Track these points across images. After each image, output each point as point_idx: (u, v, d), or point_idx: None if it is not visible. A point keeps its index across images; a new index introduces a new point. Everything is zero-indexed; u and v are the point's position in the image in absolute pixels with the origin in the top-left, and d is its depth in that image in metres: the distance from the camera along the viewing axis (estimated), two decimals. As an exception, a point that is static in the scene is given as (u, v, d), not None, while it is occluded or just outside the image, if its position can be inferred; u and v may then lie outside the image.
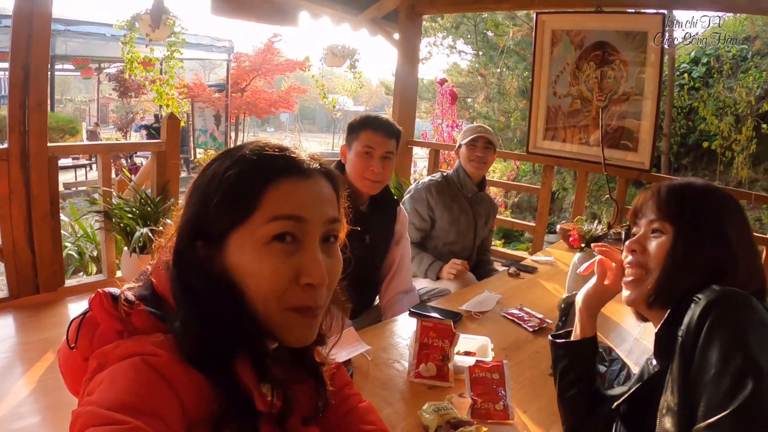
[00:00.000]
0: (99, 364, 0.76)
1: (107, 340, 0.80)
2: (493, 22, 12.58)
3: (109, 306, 0.80)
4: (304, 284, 0.83)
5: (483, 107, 13.61)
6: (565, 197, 11.01)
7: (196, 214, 0.85)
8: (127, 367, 0.72)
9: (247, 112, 17.55)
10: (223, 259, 0.83)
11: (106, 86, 18.84)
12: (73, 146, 9.35)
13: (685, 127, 9.74)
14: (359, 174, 2.27)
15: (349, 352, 1.69)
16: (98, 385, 0.72)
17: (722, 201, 1.12)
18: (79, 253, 4.32)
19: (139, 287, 0.87)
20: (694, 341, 0.92)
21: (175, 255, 0.84)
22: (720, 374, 0.86)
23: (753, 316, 0.91)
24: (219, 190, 0.83)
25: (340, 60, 6.37)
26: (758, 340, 0.87)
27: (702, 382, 0.89)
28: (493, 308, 2.36)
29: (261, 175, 0.83)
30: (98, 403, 0.68)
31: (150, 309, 0.82)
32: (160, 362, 0.74)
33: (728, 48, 9.35)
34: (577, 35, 4.42)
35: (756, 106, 8.64)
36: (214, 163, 0.87)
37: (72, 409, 0.71)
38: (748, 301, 0.93)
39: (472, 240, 3.26)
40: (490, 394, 1.51)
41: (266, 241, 0.81)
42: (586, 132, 4.50)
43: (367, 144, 2.26)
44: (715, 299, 0.94)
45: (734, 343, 0.88)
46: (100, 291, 0.81)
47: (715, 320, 0.91)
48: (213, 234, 0.84)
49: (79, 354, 0.82)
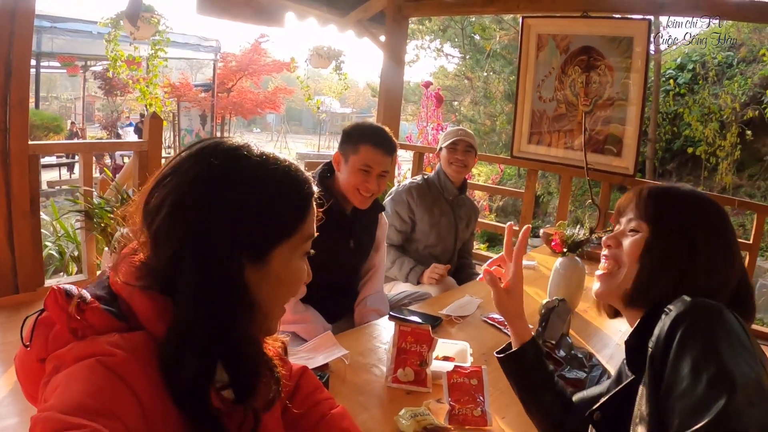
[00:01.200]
0: (55, 366, 0.76)
1: (62, 340, 0.78)
2: (480, 26, 12.63)
3: (64, 302, 0.79)
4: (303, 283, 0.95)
5: (469, 110, 13.66)
6: (549, 201, 11.06)
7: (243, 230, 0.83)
8: (83, 369, 0.72)
9: (233, 112, 17.47)
10: (258, 271, 0.86)
11: (92, 84, 18.69)
12: (55, 145, 9.23)
13: (670, 133, 9.82)
14: (353, 188, 2.26)
15: (326, 356, 1.68)
16: (55, 389, 0.71)
17: (703, 208, 1.12)
18: (60, 253, 4.27)
19: (94, 286, 0.87)
20: (665, 353, 0.91)
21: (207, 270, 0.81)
22: (693, 386, 0.85)
23: (724, 327, 0.90)
24: (275, 204, 0.87)
25: (325, 61, 6.38)
26: (730, 350, 0.86)
27: (674, 394, 0.87)
28: (473, 313, 2.36)
29: (307, 193, 0.92)
30: (55, 408, 0.67)
31: (106, 307, 0.81)
32: (116, 362, 0.73)
33: (714, 54, 9.45)
34: (563, 40, 4.43)
35: (741, 113, 8.73)
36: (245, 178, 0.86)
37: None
38: (719, 312, 0.92)
39: (452, 243, 3.26)
40: (468, 399, 1.50)
41: (303, 254, 0.93)
42: (571, 136, 4.52)
43: (367, 163, 2.24)
44: (686, 310, 0.93)
45: (706, 355, 0.86)
46: (55, 287, 0.80)
47: (686, 331, 0.90)
48: (260, 248, 0.86)
49: (34, 355, 0.81)
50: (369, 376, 1.72)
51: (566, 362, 1.79)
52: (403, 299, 2.72)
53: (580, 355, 1.85)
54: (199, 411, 0.78)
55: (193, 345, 0.78)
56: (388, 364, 1.68)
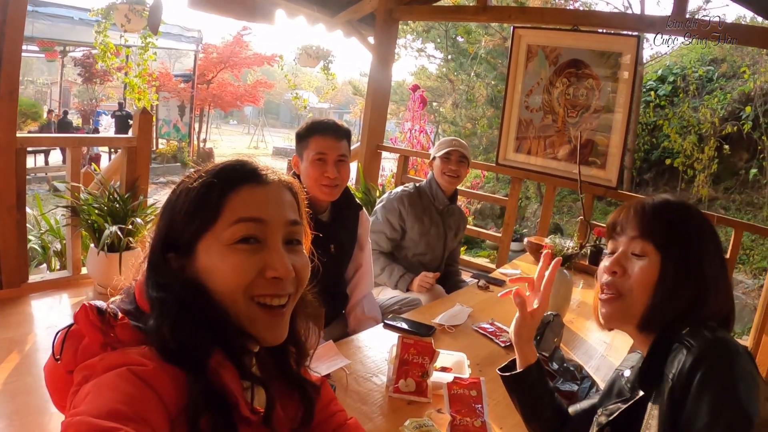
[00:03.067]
0: (84, 376, 0.77)
1: (91, 352, 0.81)
2: (465, 30, 12.71)
3: (95, 319, 0.82)
4: (270, 278, 0.89)
5: (450, 113, 13.73)
6: (527, 206, 11.18)
7: (167, 227, 0.92)
8: (114, 377, 0.74)
9: (212, 104, 17.36)
10: (193, 266, 0.89)
11: (70, 70, 18.40)
12: (43, 138, 9.09)
13: (649, 144, 9.99)
14: (315, 181, 2.23)
15: (328, 366, 1.70)
16: (85, 397, 0.73)
17: (703, 225, 1.15)
18: (43, 247, 4.21)
19: (123, 301, 0.90)
20: (686, 388, 0.97)
21: (149, 267, 0.90)
22: (712, 424, 0.91)
23: (742, 368, 0.96)
24: (186, 202, 0.90)
25: (314, 61, 6.37)
26: (747, 392, 0.93)
27: (692, 429, 0.93)
28: (465, 322, 2.40)
29: (222, 183, 0.90)
30: (87, 413, 0.68)
31: (134, 323, 0.84)
32: (147, 372, 0.75)
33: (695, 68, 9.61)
34: (552, 51, 4.49)
35: (719, 128, 8.90)
36: (183, 182, 0.94)
37: (39, 415, 0.72)
38: (736, 352, 0.98)
39: (441, 251, 3.30)
40: (469, 410, 1.54)
41: (231, 243, 0.88)
42: (556, 147, 4.58)
43: (319, 150, 2.22)
44: (707, 350, 0.98)
45: (726, 396, 0.93)
46: (86, 304, 0.83)
47: (707, 372, 0.95)
48: (182, 244, 0.90)
49: (63, 367, 0.83)
50: (370, 385, 1.76)
51: (559, 375, 1.84)
52: (393, 305, 2.74)
53: (572, 368, 1.90)
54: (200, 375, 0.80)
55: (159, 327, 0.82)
56: (389, 375, 1.71)
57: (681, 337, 1.04)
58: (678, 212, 1.17)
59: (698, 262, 1.11)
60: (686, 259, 1.11)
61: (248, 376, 0.88)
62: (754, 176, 8.76)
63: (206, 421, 0.77)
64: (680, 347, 1.02)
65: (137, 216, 3.59)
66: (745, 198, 8.93)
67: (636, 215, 1.18)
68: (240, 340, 0.89)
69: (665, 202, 1.19)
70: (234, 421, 0.81)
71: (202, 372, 0.80)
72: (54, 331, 0.86)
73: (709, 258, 1.12)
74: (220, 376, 0.81)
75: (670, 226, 1.15)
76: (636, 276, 1.15)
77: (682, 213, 1.17)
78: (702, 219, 1.17)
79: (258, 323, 0.89)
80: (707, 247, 1.13)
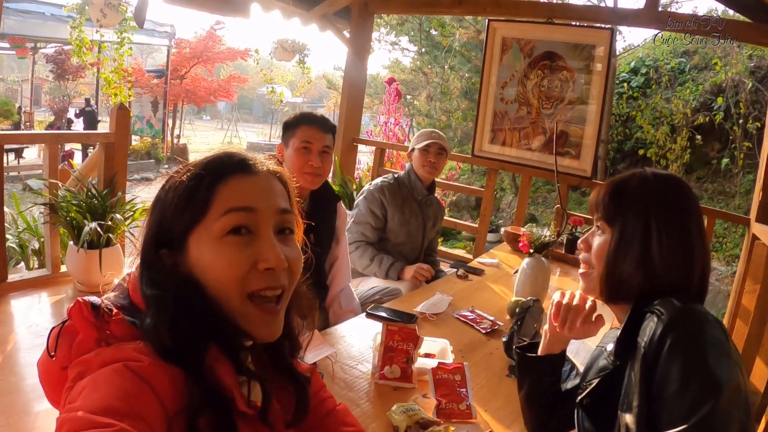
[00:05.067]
0: (79, 372, 0.77)
1: (86, 348, 0.81)
2: (439, 23, 12.71)
3: (89, 315, 0.82)
4: (263, 269, 0.87)
5: (424, 106, 13.75)
6: (502, 197, 11.27)
7: (158, 224, 0.90)
8: (110, 373, 0.74)
9: (185, 99, 17.16)
10: (186, 262, 0.88)
11: (41, 67, 18.08)
12: (21, 135, 8.96)
13: (622, 134, 10.11)
14: (299, 170, 2.29)
15: (315, 355, 1.73)
16: (80, 393, 0.73)
17: (659, 197, 1.19)
18: (21, 246, 4.17)
19: (117, 297, 0.90)
20: (657, 354, 1.02)
21: (143, 264, 0.89)
22: (682, 390, 0.96)
23: (711, 336, 1.01)
24: (175, 196, 0.89)
25: (290, 54, 6.34)
26: (716, 358, 0.98)
27: (664, 394, 0.99)
28: (446, 310, 2.45)
29: (211, 175, 0.89)
30: (83, 408, 0.68)
31: (128, 318, 0.84)
32: (142, 367, 0.75)
33: (667, 60, 9.74)
34: (527, 44, 4.55)
35: (692, 118, 9.03)
36: (171, 177, 0.92)
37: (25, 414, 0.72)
38: (706, 319, 1.04)
39: (420, 241, 3.34)
40: (454, 394, 1.59)
41: (221, 235, 0.86)
42: (531, 138, 4.64)
43: (305, 139, 2.29)
44: (677, 318, 1.04)
45: (695, 362, 0.98)
46: (80, 300, 0.83)
47: (676, 339, 1.01)
48: (174, 239, 0.89)
49: (58, 363, 0.83)
50: (356, 372, 1.79)
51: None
52: (373, 295, 2.78)
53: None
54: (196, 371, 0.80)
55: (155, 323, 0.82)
56: (375, 362, 1.75)
57: (652, 306, 1.09)
58: (630, 188, 1.22)
59: (642, 232, 1.16)
60: (626, 229, 1.18)
61: (244, 371, 0.88)
62: (725, 165, 8.91)
63: (205, 418, 0.77)
64: (651, 316, 1.08)
65: (116, 212, 3.57)
66: (717, 187, 9.09)
67: (596, 194, 1.26)
68: (235, 335, 0.89)
69: (622, 181, 1.25)
70: (233, 418, 0.82)
71: (200, 370, 0.81)
72: (35, 330, 0.86)
73: (661, 227, 1.16)
74: (216, 372, 0.81)
75: (616, 200, 1.22)
76: (593, 250, 1.25)
77: (634, 188, 1.22)
78: (661, 188, 1.20)
79: (253, 321, 0.88)
80: (658, 216, 1.16)
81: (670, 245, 1.15)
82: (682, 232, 1.16)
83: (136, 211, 3.76)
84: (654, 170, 1.25)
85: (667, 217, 1.17)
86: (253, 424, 0.87)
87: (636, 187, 1.22)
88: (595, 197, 1.27)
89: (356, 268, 3.08)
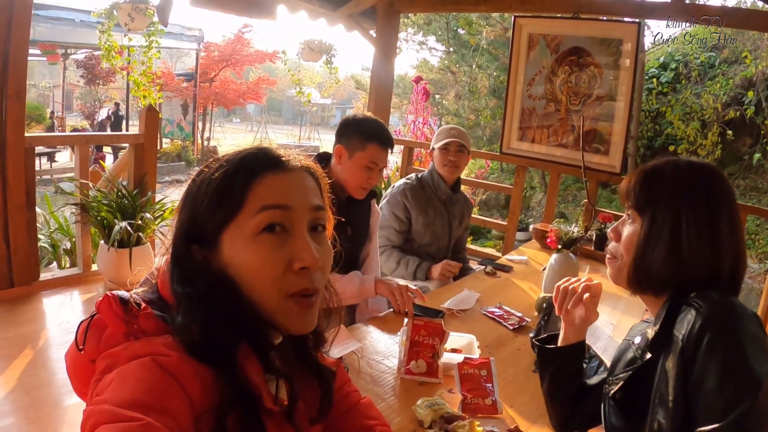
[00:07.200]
0: (107, 365, 0.78)
1: (114, 342, 0.81)
2: (466, 21, 12.68)
3: (118, 309, 0.82)
4: (298, 269, 0.86)
5: (453, 105, 13.73)
6: (532, 196, 11.19)
7: (189, 219, 0.89)
8: (138, 367, 0.74)
9: (215, 102, 17.32)
10: (219, 259, 0.87)
11: (72, 72, 18.43)
12: (52, 137, 9.17)
13: (652, 131, 9.98)
14: (358, 184, 2.34)
15: (340, 350, 1.74)
16: (108, 385, 0.73)
17: (690, 186, 1.15)
18: (52, 246, 4.26)
19: (146, 291, 0.90)
20: (695, 349, 0.99)
21: (173, 260, 0.88)
22: (721, 386, 0.94)
23: (750, 331, 0.99)
24: (207, 192, 0.87)
25: (317, 55, 6.39)
26: (755, 354, 0.96)
27: (702, 389, 0.96)
28: (473, 306, 2.43)
29: (245, 172, 0.88)
30: (110, 402, 0.69)
31: (157, 312, 0.85)
32: (170, 362, 0.76)
33: (697, 54, 9.58)
34: (553, 39, 4.51)
35: (722, 113, 8.88)
36: (203, 172, 0.91)
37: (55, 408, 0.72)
38: (745, 314, 1.01)
39: (447, 241, 3.31)
40: (479, 389, 1.57)
41: (256, 233, 0.85)
42: (560, 134, 4.60)
43: (374, 161, 2.33)
44: (716, 312, 1.01)
45: (734, 358, 0.96)
46: (109, 294, 0.83)
47: (716, 334, 0.98)
48: (206, 235, 0.87)
49: (86, 356, 0.83)
50: (381, 367, 1.79)
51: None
52: (402, 292, 2.78)
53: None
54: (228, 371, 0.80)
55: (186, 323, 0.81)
56: (401, 356, 1.75)
57: (689, 299, 1.06)
58: (657, 173, 1.19)
59: (672, 221, 1.13)
60: (657, 218, 1.15)
61: (273, 370, 0.87)
62: (757, 161, 8.75)
63: (233, 416, 0.77)
64: (689, 308, 1.05)
65: (146, 211, 3.63)
66: (749, 183, 8.92)
67: (628, 182, 1.24)
68: (266, 333, 0.89)
69: (652, 166, 1.22)
70: (261, 416, 0.81)
71: (232, 370, 0.80)
72: (66, 327, 0.86)
73: (690, 216, 1.12)
74: (245, 370, 0.81)
75: (647, 188, 1.19)
76: (623, 239, 1.22)
77: (661, 174, 1.19)
78: (693, 177, 1.16)
79: (290, 315, 0.88)
80: (688, 206, 1.13)
81: (699, 235, 1.12)
82: (710, 222, 1.13)
83: (166, 210, 3.81)
84: (689, 159, 1.22)
85: (696, 207, 1.13)
86: (279, 422, 0.87)
87: (668, 175, 1.18)
88: (626, 185, 1.24)
89: (383, 272, 3.07)
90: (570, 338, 1.42)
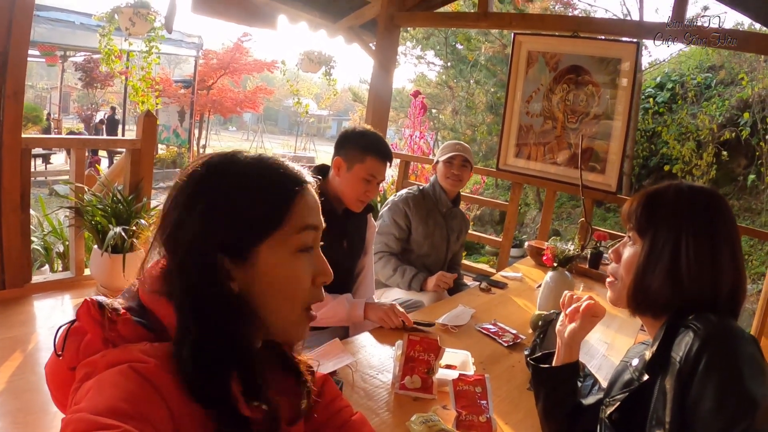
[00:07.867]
0: (86, 373, 0.77)
1: (94, 349, 0.80)
2: (465, 37, 12.76)
3: (96, 314, 0.81)
4: (320, 283, 0.92)
5: (449, 120, 13.78)
6: (526, 212, 11.22)
7: (225, 226, 0.84)
8: (115, 374, 0.74)
9: (212, 110, 17.35)
10: (246, 271, 0.85)
11: (70, 75, 18.41)
12: (49, 139, 9.13)
13: (648, 150, 10.03)
14: (355, 197, 2.34)
15: (334, 363, 1.72)
16: (86, 394, 0.72)
17: (691, 211, 1.17)
18: (45, 248, 4.23)
19: (125, 299, 0.89)
20: (692, 371, 1.00)
21: (188, 269, 0.83)
22: (718, 408, 0.94)
23: (748, 353, 0.99)
24: (251, 201, 0.85)
25: (316, 66, 6.41)
26: (752, 376, 0.96)
27: (699, 411, 0.97)
28: (468, 322, 2.42)
29: (292, 185, 0.89)
30: (87, 410, 0.68)
31: (136, 318, 0.84)
32: (148, 369, 0.75)
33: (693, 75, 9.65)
34: (552, 57, 4.53)
35: (718, 134, 8.94)
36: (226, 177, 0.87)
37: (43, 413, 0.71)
38: (742, 337, 1.02)
39: (444, 254, 3.32)
40: (474, 406, 1.56)
41: (297, 250, 0.88)
42: (556, 152, 4.62)
43: (373, 174, 2.33)
44: (713, 334, 1.02)
45: (732, 381, 0.96)
46: (88, 300, 0.82)
47: (713, 356, 0.99)
48: (241, 246, 0.85)
49: (65, 363, 0.83)
50: (375, 382, 1.78)
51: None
52: (396, 306, 2.77)
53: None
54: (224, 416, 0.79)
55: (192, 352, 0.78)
56: (395, 371, 1.73)
57: (688, 321, 1.07)
58: (658, 197, 1.21)
59: (672, 244, 1.14)
60: (657, 241, 1.16)
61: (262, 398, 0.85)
62: (752, 182, 8.80)
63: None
64: (687, 331, 1.05)
65: (141, 217, 3.61)
66: (743, 204, 8.97)
67: (630, 204, 1.26)
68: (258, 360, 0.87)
69: (654, 190, 1.24)
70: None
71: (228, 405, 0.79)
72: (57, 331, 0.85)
73: (690, 240, 1.13)
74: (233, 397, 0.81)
75: (649, 211, 1.21)
76: (623, 260, 1.24)
77: (662, 198, 1.21)
78: (694, 202, 1.18)
79: (301, 325, 0.93)
80: (689, 230, 1.14)
81: (698, 259, 1.13)
82: (710, 246, 1.14)
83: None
84: (691, 183, 1.24)
85: (697, 231, 1.14)
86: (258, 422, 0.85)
87: (670, 199, 1.20)
88: (628, 207, 1.26)
89: (379, 279, 3.07)
90: (564, 358, 1.42)
